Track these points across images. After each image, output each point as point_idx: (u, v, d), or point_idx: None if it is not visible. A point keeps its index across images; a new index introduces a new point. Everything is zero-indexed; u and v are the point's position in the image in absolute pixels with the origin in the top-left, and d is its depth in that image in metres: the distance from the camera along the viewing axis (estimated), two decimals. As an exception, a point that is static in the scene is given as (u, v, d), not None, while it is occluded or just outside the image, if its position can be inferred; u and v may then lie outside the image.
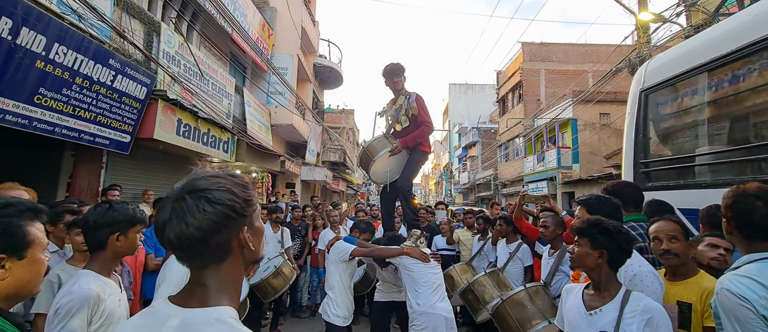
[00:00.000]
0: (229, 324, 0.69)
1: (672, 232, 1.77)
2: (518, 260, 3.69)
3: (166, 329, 0.68)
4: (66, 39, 3.77)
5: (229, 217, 0.72)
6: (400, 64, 3.46)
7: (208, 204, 0.71)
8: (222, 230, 0.72)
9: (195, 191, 0.72)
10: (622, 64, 7.97)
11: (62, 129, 4.00)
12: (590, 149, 14.58)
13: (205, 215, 0.70)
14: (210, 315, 0.69)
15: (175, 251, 0.72)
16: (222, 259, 0.74)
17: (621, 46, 9.82)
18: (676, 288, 1.73)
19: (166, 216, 0.72)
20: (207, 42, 8.00)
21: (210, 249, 0.72)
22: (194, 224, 0.69)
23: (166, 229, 0.71)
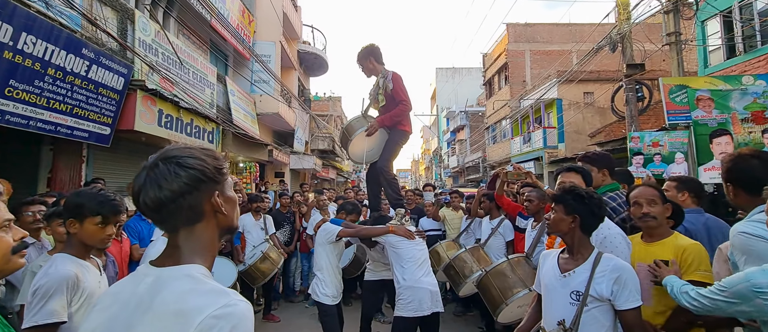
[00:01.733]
0: (196, 278, 0.74)
1: (651, 197, 1.87)
2: (500, 235, 3.80)
3: (141, 286, 0.75)
4: (34, 28, 3.63)
5: (201, 181, 0.78)
6: (368, 46, 3.38)
7: (179, 168, 0.76)
8: (193, 192, 0.77)
9: (168, 158, 0.77)
10: (604, 41, 8.06)
11: (37, 122, 3.89)
12: (575, 128, 14.82)
13: (177, 178, 0.75)
14: (180, 271, 0.75)
15: (151, 214, 0.77)
16: (195, 221, 0.79)
17: (602, 24, 9.90)
18: (654, 248, 1.84)
19: (141, 182, 0.77)
20: (185, 29, 7.78)
21: (183, 211, 0.77)
22: (167, 187, 0.75)
23: (141, 194, 0.76)
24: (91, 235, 1.47)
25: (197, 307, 0.69)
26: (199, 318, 0.67)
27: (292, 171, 13.57)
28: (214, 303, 0.69)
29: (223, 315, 0.68)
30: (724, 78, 6.65)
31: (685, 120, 6.29)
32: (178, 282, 0.73)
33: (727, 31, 8.62)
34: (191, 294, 0.71)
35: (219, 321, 0.67)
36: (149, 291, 0.73)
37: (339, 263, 3.14)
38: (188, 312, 0.68)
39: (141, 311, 0.72)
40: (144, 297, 0.73)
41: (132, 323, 0.71)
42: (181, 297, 0.71)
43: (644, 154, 6.39)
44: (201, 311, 0.68)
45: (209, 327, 0.67)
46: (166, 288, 0.72)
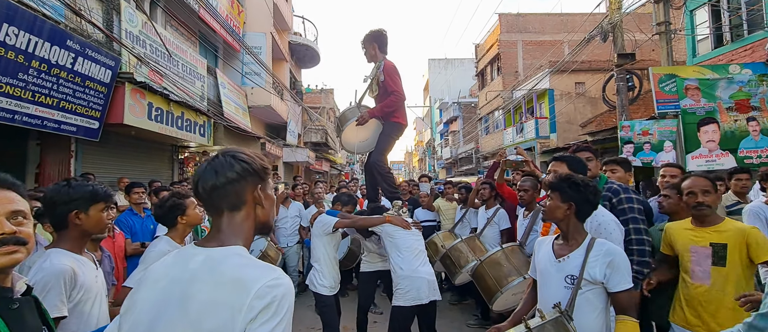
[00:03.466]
0: (246, 256, 0.88)
1: (705, 187, 1.99)
2: (495, 224, 3.84)
3: (193, 263, 0.86)
4: (16, 19, 3.52)
5: (248, 172, 0.93)
6: (375, 31, 3.30)
7: (234, 160, 0.93)
8: (241, 181, 0.92)
9: (226, 153, 0.95)
10: (595, 31, 8.09)
11: (23, 116, 3.80)
12: (566, 118, 14.95)
13: (230, 168, 0.92)
14: (230, 250, 0.88)
15: (205, 197, 0.92)
16: (237, 207, 0.93)
17: (594, 14, 9.94)
18: (708, 233, 1.99)
19: (202, 169, 0.93)
20: (173, 21, 7.60)
21: (229, 197, 0.92)
22: (222, 173, 0.91)
23: (200, 180, 0.92)
24: (97, 222, 1.46)
25: (254, 277, 0.81)
26: (256, 286, 0.80)
27: (285, 164, 13.49)
28: (268, 275, 0.82)
29: (276, 285, 0.81)
30: (712, 67, 6.74)
31: (674, 109, 6.39)
32: (232, 258, 0.85)
33: (715, 20, 8.73)
34: (247, 267, 0.84)
35: (272, 290, 0.80)
36: (204, 266, 0.85)
37: (336, 254, 3.15)
38: (246, 280, 0.81)
39: (199, 281, 0.82)
40: (199, 271, 0.84)
41: (189, 293, 0.82)
42: (239, 268, 0.83)
43: (634, 142, 6.49)
44: (257, 280, 0.81)
45: (264, 294, 0.79)
46: (222, 263, 0.84)
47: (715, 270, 1.92)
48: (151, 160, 6.86)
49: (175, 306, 0.82)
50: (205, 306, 0.79)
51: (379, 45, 3.30)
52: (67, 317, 1.33)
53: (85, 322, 1.38)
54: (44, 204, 1.44)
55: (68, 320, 1.33)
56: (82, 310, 1.37)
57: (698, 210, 2.00)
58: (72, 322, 1.34)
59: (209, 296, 0.80)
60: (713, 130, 5.81)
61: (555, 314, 1.47)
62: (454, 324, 4.24)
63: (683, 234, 2.07)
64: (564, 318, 1.46)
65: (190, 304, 0.81)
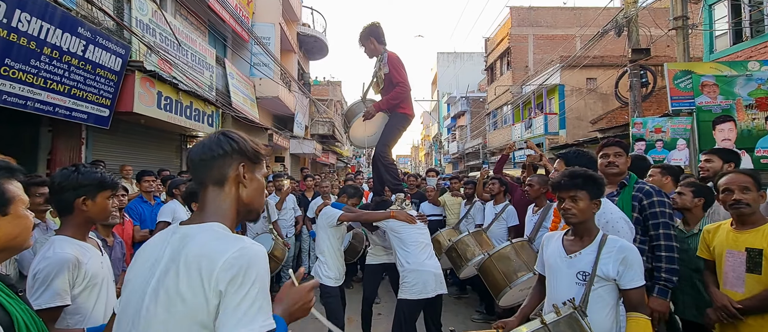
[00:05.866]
0: (216, 232, 0.89)
1: (744, 183, 1.84)
2: (503, 220, 3.80)
3: (172, 239, 0.91)
4: (28, 5, 3.54)
5: (235, 150, 0.96)
6: (368, 26, 3.28)
7: (225, 137, 0.98)
8: (226, 157, 0.96)
9: (222, 132, 0.99)
10: (609, 25, 7.91)
11: (35, 102, 3.84)
12: (576, 114, 14.73)
13: (219, 144, 0.96)
14: (202, 227, 0.91)
15: (192, 168, 0.98)
16: (220, 183, 0.96)
17: (608, 8, 9.71)
18: (745, 235, 1.82)
19: (196, 143, 0.99)
20: (183, 10, 7.61)
21: (213, 170, 0.95)
22: (209, 146, 0.96)
23: (192, 151, 0.98)
24: (102, 210, 1.45)
25: (219, 250, 0.83)
26: (222, 258, 0.82)
27: (292, 155, 13.53)
28: (233, 247, 0.84)
29: (241, 255, 0.83)
30: (730, 63, 6.55)
31: (688, 106, 6.23)
32: (202, 235, 0.88)
33: (734, 15, 8.46)
34: (213, 241, 0.86)
35: (238, 259, 0.82)
36: (179, 243, 0.89)
37: (341, 246, 3.15)
38: (212, 254, 0.83)
39: (173, 259, 0.86)
40: (175, 248, 0.88)
41: (167, 269, 0.85)
42: (204, 244, 0.86)
43: (646, 140, 6.36)
44: (223, 253, 0.83)
45: (230, 265, 0.81)
46: (192, 240, 0.87)
47: (750, 277, 1.77)
48: (159, 148, 6.92)
49: (159, 285, 0.85)
50: (178, 285, 0.82)
51: (377, 38, 3.28)
52: (77, 304, 1.34)
53: (92, 308, 1.38)
54: (51, 189, 1.43)
55: (76, 306, 1.34)
56: (89, 296, 1.38)
57: (736, 210, 1.84)
58: (80, 308, 1.35)
59: (181, 274, 0.82)
60: (729, 128, 5.66)
61: (569, 310, 1.44)
62: (458, 318, 4.24)
63: (721, 237, 1.92)
64: (578, 313, 1.44)
65: (167, 283, 0.83)
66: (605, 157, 2.22)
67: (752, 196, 1.82)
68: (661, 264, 2.02)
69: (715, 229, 2.00)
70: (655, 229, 2.07)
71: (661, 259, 2.02)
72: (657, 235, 2.06)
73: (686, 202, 2.35)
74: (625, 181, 2.20)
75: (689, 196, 2.34)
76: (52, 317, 1.27)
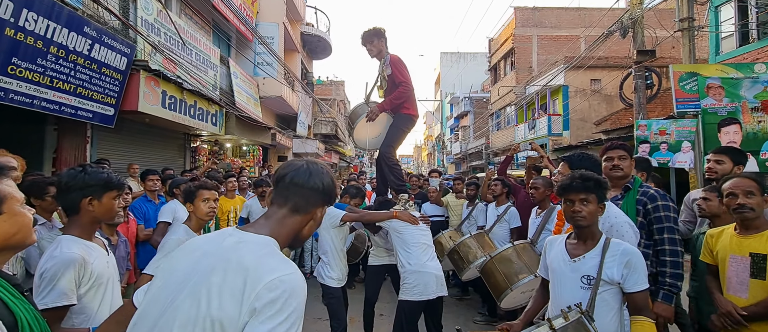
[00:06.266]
0: (271, 247, 0.91)
1: (748, 188, 1.81)
2: (505, 222, 3.79)
3: (226, 242, 0.91)
4: (35, 4, 3.56)
5: (329, 192, 1.03)
6: (373, 28, 3.30)
7: (327, 176, 1.03)
8: (320, 195, 1.01)
9: (324, 167, 1.04)
10: (614, 27, 7.87)
11: (41, 101, 3.87)
12: (580, 116, 14.66)
13: (322, 180, 1.01)
14: (260, 238, 0.92)
15: (282, 189, 0.99)
16: (299, 212, 0.99)
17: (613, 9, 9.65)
18: (749, 240, 1.80)
19: (299, 166, 1.01)
20: (187, 9, 7.64)
21: (301, 199, 0.99)
22: (314, 179, 1.00)
23: (295, 173, 0.99)
24: (108, 210, 1.46)
25: (270, 268, 0.84)
26: (269, 277, 0.82)
27: (295, 155, 13.56)
28: (283, 269, 0.84)
29: (287, 280, 0.83)
30: (736, 66, 6.50)
31: (694, 108, 6.19)
32: (258, 246, 0.89)
33: (741, 16, 8.39)
34: (267, 256, 0.87)
35: (282, 284, 0.82)
36: (233, 247, 0.88)
37: (344, 247, 3.16)
38: (261, 269, 0.83)
39: (223, 259, 0.86)
40: (227, 250, 0.88)
41: (214, 267, 0.85)
42: (259, 256, 0.86)
43: (651, 142, 6.32)
44: (272, 272, 0.83)
45: (275, 287, 0.81)
46: (247, 247, 0.88)
47: (753, 283, 1.74)
48: (164, 147, 6.96)
49: (200, 276, 0.85)
50: (220, 286, 0.82)
51: (385, 40, 3.29)
52: (82, 303, 1.35)
53: (97, 308, 1.40)
54: (58, 189, 1.44)
55: (82, 306, 1.35)
56: (95, 296, 1.39)
57: (740, 214, 1.81)
58: (85, 307, 1.36)
59: (225, 277, 0.83)
60: (735, 131, 5.62)
61: (577, 315, 1.44)
62: (460, 319, 4.23)
63: (725, 241, 1.89)
64: (585, 318, 1.43)
65: (210, 278, 0.83)
66: (609, 160, 2.20)
67: (756, 201, 1.79)
68: (665, 268, 1.99)
69: (719, 233, 1.97)
70: (660, 234, 2.04)
71: (666, 264, 2.00)
72: (662, 240, 2.03)
73: (713, 208, 2.29)
74: (630, 185, 2.18)
75: (716, 202, 2.27)
76: (58, 316, 1.28)
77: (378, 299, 3.56)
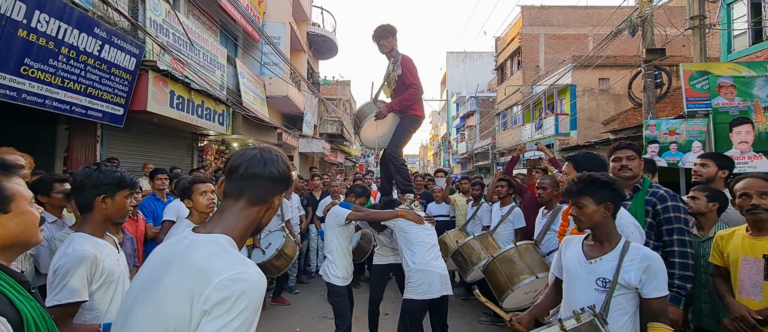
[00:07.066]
0: (222, 245, 0.87)
1: (763, 188, 1.79)
2: (510, 223, 3.77)
3: (179, 246, 0.89)
4: (47, 6, 3.63)
5: (285, 178, 0.98)
6: (386, 26, 3.32)
7: (282, 162, 0.98)
8: (277, 182, 0.96)
9: (277, 153, 0.99)
10: (623, 25, 7.76)
11: (53, 101, 3.94)
12: (588, 115, 14.50)
13: (277, 167, 0.96)
14: (210, 238, 0.89)
15: (236, 180, 0.94)
16: (256, 203, 0.95)
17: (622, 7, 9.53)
18: (763, 242, 1.78)
19: (253, 155, 0.95)
20: (195, 10, 7.72)
21: (259, 190, 0.95)
22: (269, 167, 0.95)
23: (248, 162, 0.94)
24: (121, 208, 1.49)
25: (217, 269, 0.80)
26: (217, 278, 0.78)
27: (301, 154, 13.63)
28: (233, 269, 0.80)
29: (238, 279, 0.79)
30: (749, 64, 6.38)
31: (705, 107, 6.09)
32: (207, 246, 0.86)
33: (754, 14, 8.23)
34: (215, 257, 0.83)
35: (233, 284, 0.78)
36: (185, 250, 0.87)
37: (349, 246, 3.17)
38: (209, 270, 0.80)
39: (173, 265, 0.84)
40: (180, 254, 0.86)
41: (164, 274, 0.84)
42: (207, 258, 0.83)
43: (660, 142, 6.23)
44: (220, 272, 0.79)
45: (224, 287, 0.78)
46: (196, 249, 0.85)
47: (767, 285, 1.71)
48: (172, 147, 7.04)
49: (154, 284, 0.84)
50: (170, 290, 0.81)
51: (391, 38, 3.30)
52: (94, 300, 1.38)
53: (108, 305, 1.42)
54: (73, 187, 1.47)
55: (93, 303, 1.38)
56: (105, 293, 1.41)
57: (753, 215, 1.78)
58: (96, 304, 1.39)
59: (176, 280, 0.81)
60: (747, 131, 5.51)
61: (590, 317, 1.42)
62: (465, 319, 4.22)
63: (737, 243, 1.86)
64: (598, 321, 1.40)
65: (161, 284, 0.83)
66: (617, 160, 2.18)
67: None
68: (674, 270, 1.96)
69: (730, 235, 1.94)
70: (669, 235, 2.01)
71: (675, 265, 1.97)
72: (671, 241, 2.00)
73: (700, 207, 2.29)
74: (639, 185, 2.15)
75: (703, 201, 2.29)
76: (69, 312, 1.31)
77: (383, 298, 3.57)
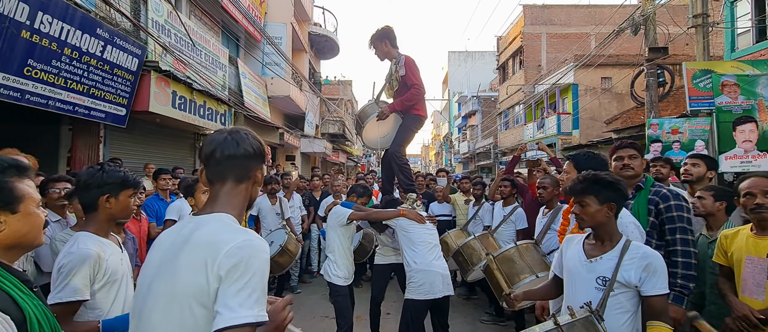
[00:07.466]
0: (225, 222, 0.97)
1: (767, 188, 1.79)
2: (512, 223, 3.77)
3: (185, 228, 0.99)
4: (50, 7, 3.65)
5: (260, 152, 1.06)
6: (382, 29, 3.31)
7: (253, 138, 1.06)
8: (253, 158, 1.04)
9: (244, 130, 1.06)
10: (626, 24, 7.73)
11: (56, 102, 3.96)
12: (590, 114, 14.45)
13: (250, 144, 1.04)
14: (213, 217, 0.98)
15: (214, 166, 1.02)
16: (241, 181, 1.04)
17: (624, 6, 9.49)
18: (767, 241, 1.77)
19: (223, 138, 1.02)
20: (197, 10, 7.74)
21: (239, 169, 1.03)
22: (242, 146, 1.02)
23: (221, 146, 1.01)
24: (124, 208, 1.50)
25: (224, 240, 0.90)
26: (226, 247, 0.89)
27: (303, 154, 13.64)
28: (238, 238, 0.91)
29: (244, 246, 0.90)
30: (753, 62, 6.34)
31: (708, 106, 6.06)
32: (212, 224, 0.96)
33: (758, 12, 8.17)
34: (220, 231, 0.93)
35: (240, 250, 0.89)
36: (192, 231, 0.96)
37: (351, 245, 3.17)
38: (217, 242, 0.90)
39: (184, 244, 0.94)
40: (187, 235, 0.96)
41: (178, 253, 0.94)
42: (213, 232, 0.93)
43: (663, 141, 6.21)
44: (227, 242, 0.89)
45: (233, 254, 0.88)
46: (201, 227, 0.95)
47: None
48: (174, 147, 7.07)
49: (167, 266, 0.93)
50: (185, 265, 0.90)
51: (390, 41, 3.30)
52: (96, 299, 1.39)
53: (111, 304, 1.43)
54: (78, 186, 1.49)
55: (95, 302, 1.38)
56: (108, 293, 1.42)
57: (757, 214, 1.78)
58: (99, 303, 1.40)
59: (189, 256, 0.91)
60: (750, 130, 5.48)
61: (585, 313, 1.42)
62: (467, 319, 4.22)
63: (740, 242, 1.85)
64: (594, 317, 1.40)
65: (176, 262, 0.92)
66: (619, 159, 2.17)
67: None
68: (677, 270, 1.96)
69: (734, 234, 1.93)
70: (672, 234, 2.00)
71: (678, 265, 1.96)
72: (674, 240, 1.99)
73: (708, 207, 2.27)
74: (641, 184, 2.14)
75: (710, 200, 2.27)
76: (70, 311, 1.31)
77: (384, 298, 3.57)
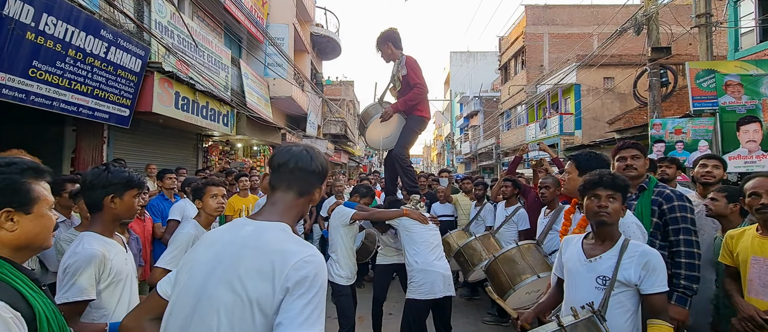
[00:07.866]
0: (288, 232, 1.01)
1: None
2: (513, 223, 3.76)
3: (243, 231, 1.00)
4: (54, 9, 3.68)
5: (325, 173, 1.12)
6: (386, 31, 3.33)
7: (323, 159, 1.12)
8: (319, 177, 1.09)
9: (317, 150, 1.12)
10: (628, 23, 7.71)
11: (60, 103, 3.99)
12: (592, 115, 14.41)
13: (320, 163, 1.10)
14: (275, 225, 1.01)
15: (284, 174, 1.06)
16: (302, 195, 1.08)
17: (627, 5, 9.46)
18: None
19: (299, 151, 1.08)
20: (200, 11, 7.78)
21: (304, 183, 1.07)
22: (314, 163, 1.08)
23: (296, 158, 1.06)
24: (129, 208, 1.51)
25: (294, 251, 0.93)
26: (294, 259, 0.91)
27: (305, 155, 13.64)
28: (306, 251, 0.94)
29: (312, 261, 0.93)
30: (756, 62, 6.32)
31: (711, 106, 6.03)
32: (276, 232, 0.99)
33: (762, 11, 8.13)
34: (288, 241, 0.97)
35: (307, 265, 0.92)
36: (253, 235, 0.98)
37: (353, 245, 3.17)
38: (287, 252, 0.93)
39: (248, 247, 0.95)
40: (248, 239, 0.97)
41: (241, 255, 0.94)
42: (281, 241, 0.96)
43: (666, 141, 6.19)
44: (296, 254, 0.93)
45: (300, 267, 0.91)
46: (267, 234, 0.97)
47: None
48: (177, 147, 7.10)
49: (227, 264, 0.94)
50: (251, 271, 0.91)
51: (393, 43, 3.31)
52: (101, 299, 1.40)
53: (116, 304, 1.44)
54: (83, 187, 1.50)
55: (100, 301, 1.40)
56: (113, 292, 1.44)
57: (763, 214, 1.77)
58: (104, 303, 1.41)
59: (254, 262, 0.92)
60: (755, 130, 5.45)
61: (588, 313, 1.42)
62: (469, 319, 4.22)
63: (746, 242, 1.84)
64: (597, 318, 1.41)
65: (239, 265, 0.93)
66: (622, 160, 2.16)
67: None
68: (680, 270, 1.95)
69: (740, 234, 1.92)
70: (675, 235, 1.99)
71: (681, 266, 1.96)
72: (677, 241, 1.99)
73: (721, 209, 2.25)
74: (645, 185, 2.14)
75: (723, 202, 2.24)
76: (77, 310, 1.33)
77: (387, 298, 3.58)
